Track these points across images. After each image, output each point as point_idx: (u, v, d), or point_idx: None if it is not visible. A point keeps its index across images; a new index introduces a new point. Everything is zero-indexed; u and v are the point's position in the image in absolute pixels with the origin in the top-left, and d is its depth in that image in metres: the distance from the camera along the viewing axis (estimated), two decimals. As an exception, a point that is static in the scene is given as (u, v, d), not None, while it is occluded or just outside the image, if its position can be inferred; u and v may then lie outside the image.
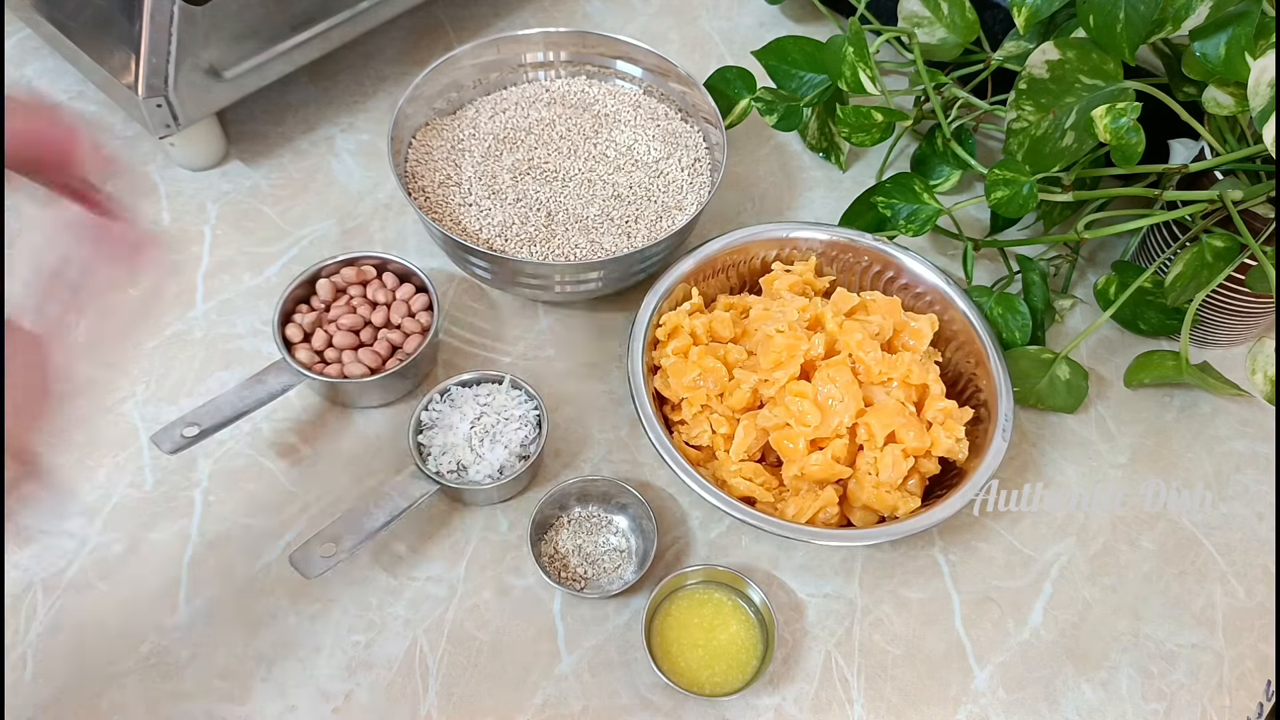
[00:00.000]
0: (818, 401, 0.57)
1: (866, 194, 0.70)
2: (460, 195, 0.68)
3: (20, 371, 0.36)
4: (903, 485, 0.58)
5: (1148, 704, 0.57)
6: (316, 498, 0.60)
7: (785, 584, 0.59)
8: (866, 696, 0.56)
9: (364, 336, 0.63)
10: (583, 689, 0.55)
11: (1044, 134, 0.62)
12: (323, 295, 0.64)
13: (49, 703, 0.53)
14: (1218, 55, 0.57)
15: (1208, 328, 0.69)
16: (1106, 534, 0.63)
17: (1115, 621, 0.60)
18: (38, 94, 0.39)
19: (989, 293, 0.66)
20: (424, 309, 0.65)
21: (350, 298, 0.65)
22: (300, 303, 0.64)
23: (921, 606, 0.59)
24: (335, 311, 0.64)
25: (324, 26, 0.70)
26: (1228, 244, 0.61)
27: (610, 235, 0.67)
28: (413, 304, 0.65)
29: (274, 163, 0.76)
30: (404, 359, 0.62)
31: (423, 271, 0.64)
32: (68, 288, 0.39)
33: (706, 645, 0.55)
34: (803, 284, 0.65)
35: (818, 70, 0.75)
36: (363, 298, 0.65)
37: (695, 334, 0.62)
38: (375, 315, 0.64)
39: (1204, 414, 0.68)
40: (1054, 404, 0.66)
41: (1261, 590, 0.61)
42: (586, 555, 0.59)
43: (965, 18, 0.71)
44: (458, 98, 0.74)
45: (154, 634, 0.55)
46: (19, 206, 0.40)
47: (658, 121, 0.73)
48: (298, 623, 0.56)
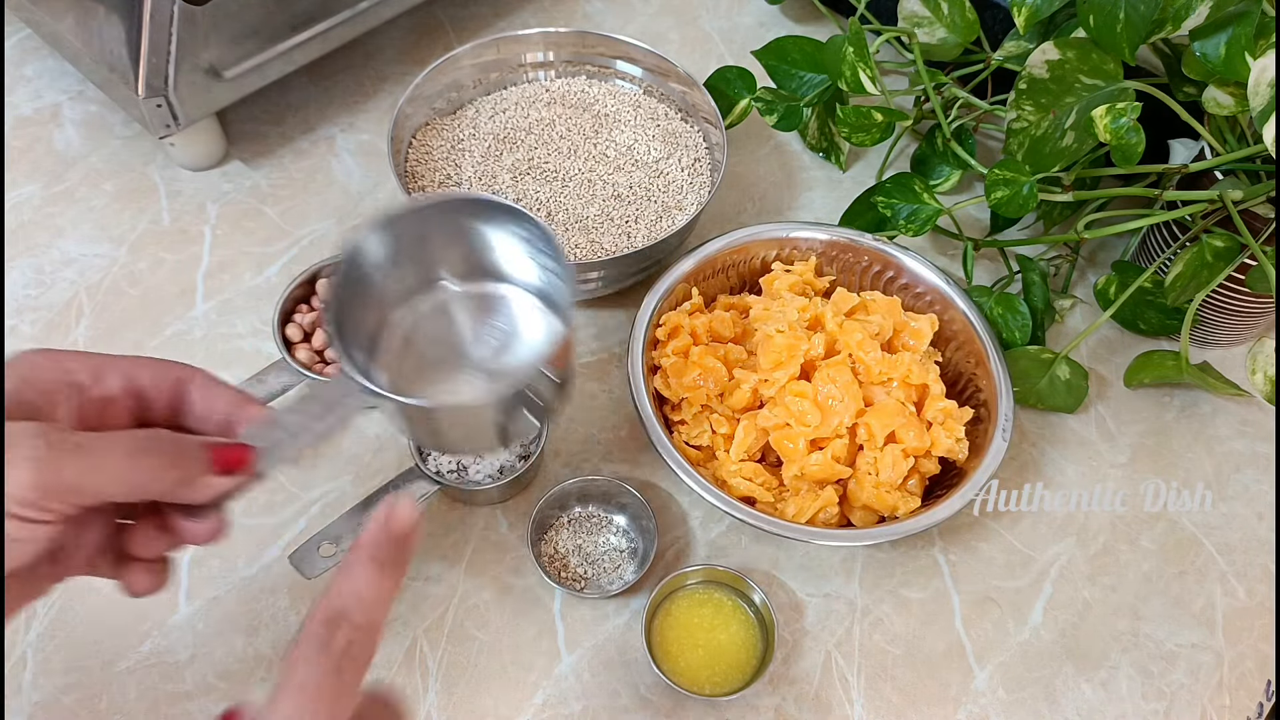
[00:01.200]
0: (818, 401, 0.57)
1: (866, 194, 0.70)
2: (460, 195, 0.68)
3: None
4: (903, 485, 0.58)
5: (1148, 704, 0.57)
6: (316, 498, 0.60)
7: (785, 584, 0.59)
8: (866, 696, 0.56)
9: None
10: (583, 689, 0.55)
11: (1044, 134, 0.62)
12: (323, 295, 0.64)
13: (49, 702, 0.53)
14: (1218, 55, 0.57)
15: (1208, 328, 0.69)
16: (1106, 534, 0.63)
17: (1115, 621, 0.60)
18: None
19: (989, 293, 0.66)
20: None
21: None
22: (300, 303, 0.64)
23: (921, 606, 0.59)
24: None
25: (324, 26, 0.70)
26: (1228, 244, 0.61)
27: (610, 235, 0.67)
28: None
29: (274, 163, 0.76)
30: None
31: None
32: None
33: (706, 645, 0.55)
34: (803, 284, 0.65)
35: (818, 70, 0.75)
36: None
37: (695, 334, 0.62)
38: None
39: (1204, 414, 0.68)
40: (1054, 404, 0.66)
41: (1261, 590, 0.61)
42: (586, 555, 0.59)
43: (965, 18, 0.71)
44: (458, 98, 0.74)
45: (154, 634, 0.55)
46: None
47: (658, 121, 0.73)
48: (298, 623, 0.56)
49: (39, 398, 0.35)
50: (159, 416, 0.40)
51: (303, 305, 0.64)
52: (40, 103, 0.77)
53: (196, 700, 0.53)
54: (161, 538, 0.39)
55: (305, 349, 0.61)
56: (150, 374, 0.38)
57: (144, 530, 0.39)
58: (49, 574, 0.39)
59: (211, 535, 0.39)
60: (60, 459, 0.32)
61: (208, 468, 0.37)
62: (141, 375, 0.38)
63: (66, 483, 0.33)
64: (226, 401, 0.40)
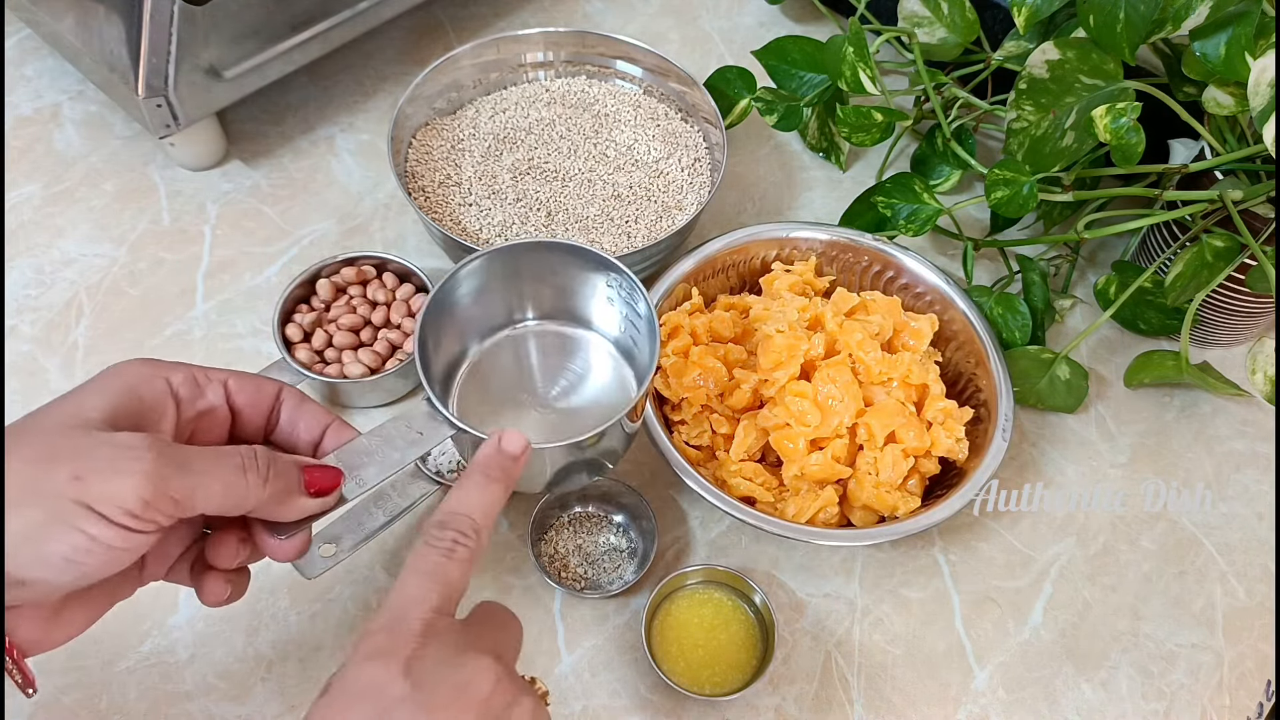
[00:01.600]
0: (818, 401, 0.57)
1: (866, 194, 0.70)
2: (460, 195, 0.68)
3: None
4: (903, 485, 0.58)
5: (1148, 704, 0.57)
6: (316, 498, 0.60)
7: (785, 584, 0.59)
8: (866, 696, 0.56)
9: (364, 336, 0.63)
10: (583, 689, 0.55)
11: (1044, 134, 0.62)
12: (323, 295, 0.64)
13: (49, 702, 0.53)
14: (1218, 55, 0.57)
15: (1208, 328, 0.69)
16: (1106, 534, 0.63)
17: (1115, 621, 0.60)
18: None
19: (989, 293, 0.66)
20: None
21: (350, 297, 0.65)
22: (300, 303, 0.64)
23: (921, 606, 0.59)
24: (335, 311, 0.64)
25: (324, 26, 0.70)
26: (1228, 244, 0.61)
27: (610, 235, 0.67)
28: (413, 303, 0.65)
29: (274, 163, 0.76)
30: (404, 359, 0.62)
31: (422, 271, 0.64)
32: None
33: (706, 645, 0.55)
34: (803, 284, 0.65)
35: (818, 70, 0.75)
36: (363, 297, 0.65)
37: (695, 334, 0.62)
38: (375, 315, 0.64)
39: (1204, 414, 0.68)
40: (1054, 404, 0.66)
41: (1261, 590, 0.61)
42: (586, 555, 0.59)
43: (965, 18, 0.71)
44: (458, 98, 0.74)
45: (154, 634, 0.55)
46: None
47: (658, 121, 0.73)
48: (298, 623, 0.56)
49: (144, 409, 0.36)
50: (251, 432, 0.41)
51: (302, 305, 0.64)
52: (40, 103, 0.77)
53: (196, 700, 0.53)
54: (242, 550, 0.40)
55: (305, 349, 0.61)
56: (247, 392, 0.40)
57: (226, 541, 0.40)
58: (134, 579, 0.40)
59: (296, 552, 0.40)
60: (168, 472, 0.33)
61: (301, 489, 0.38)
62: (239, 392, 0.40)
63: (172, 495, 0.34)
64: (318, 421, 0.42)
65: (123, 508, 0.33)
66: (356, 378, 0.61)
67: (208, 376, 0.39)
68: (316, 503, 0.39)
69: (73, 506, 0.32)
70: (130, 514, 0.33)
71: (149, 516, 0.33)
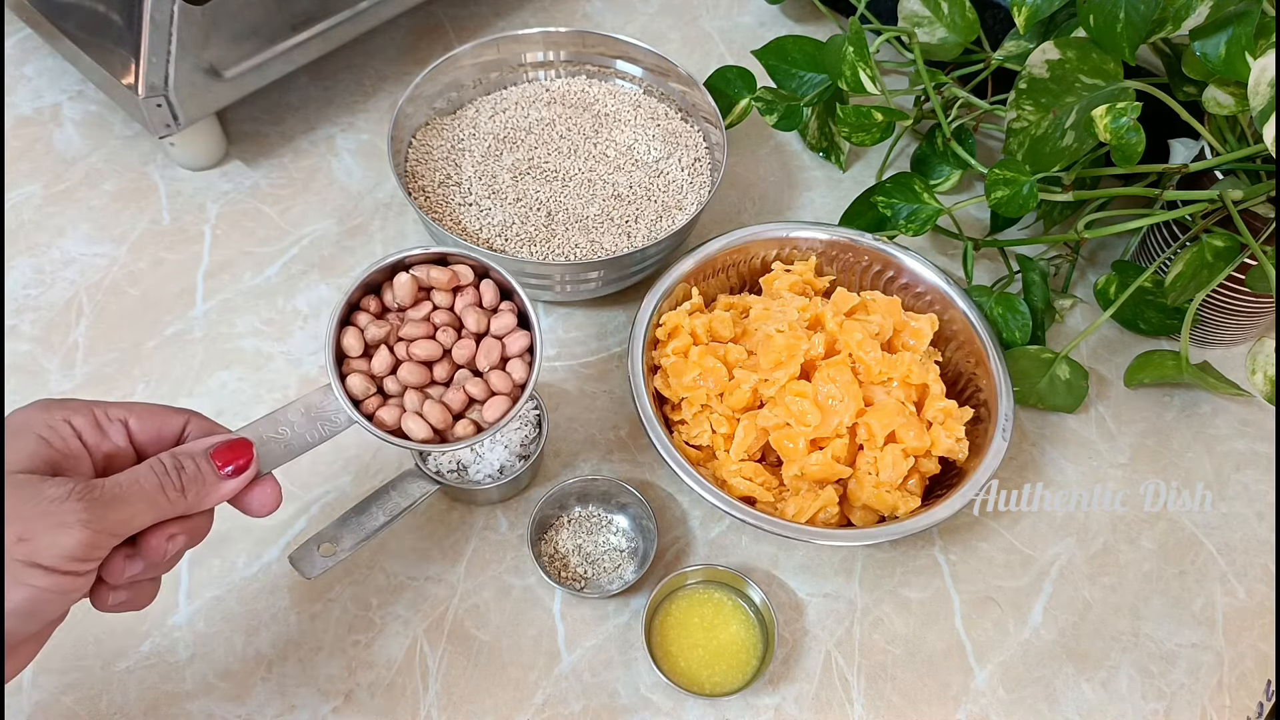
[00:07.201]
0: (818, 401, 0.57)
1: (866, 194, 0.70)
2: (460, 195, 0.68)
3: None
4: (903, 485, 0.58)
5: (1148, 704, 0.57)
6: (316, 498, 0.60)
7: (785, 584, 0.59)
8: (866, 696, 0.56)
9: (437, 374, 0.47)
10: (583, 689, 0.55)
11: (1044, 134, 0.62)
12: (400, 295, 0.47)
13: (49, 702, 0.53)
14: (1218, 55, 0.57)
15: (1208, 328, 0.69)
16: (1106, 534, 0.63)
17: (1115, 621, 0.60)
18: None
19: (989, 292, 0.66)
20: (521, 354, 0.48)
21: (434, 307, 0.47)
22: (371, 293, 0.48)
23: (921, 606, 0.59)
24: (410, 328, 0.47)
25: (324, 26, 0.70)
26: (1228, 244, 0.61)
27: (610, 235, 0.67)
28: (509, 345, 0.48)
29: (274, 163, 0.76)
30: (482, 429, 0.47)
31: (525, 295, 0.48)
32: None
33: (706, 645, 0.55)
34: (803, 284, 0.65)
35: (818, 70, 0.75)
36: (449, 311, 0.48)
37: (695, 334, 0.62)
38: (459, 349, 0.47)
39: (1204, 414, 0.68)
40: (1054, 404, 0.66)
41: (1261, 590, 0.61)
42: (586, 555, 0.59)
43: (965, 17, 0.71)
44: (458, 97, 0.74)
45: (154, 634, 0.55)
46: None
47: (658, 121, 0.73)
48: (298, 622, 0.56)
49: (59, 455, 0.38)
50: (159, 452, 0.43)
51: (371, 298, 0.47)
52: (40, 103, 0.77)
53: (196, 700, 0.53)
54: (130, 565, 0.40)
55: (361, 374, 0.46)
56: (149, 432, 0.41)
57: (112, 558, 0.40)
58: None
59: (269, 506, 0.42)
60: (102, 512, 0.36)
61: (218, 476, 0.40)
62: (141, 432, 0.41)
63: (110, 531, 0.37)
64: (216, 432, 0.43)
65: (68, 556, 0.35)
66: (419, 440, 0.46)
67: (109, 417, 0.40)
68: (238, 481, 0.41)
69: (22, 567, 0.34)
70: (75, 560, 0.35)
71: (93, 557, 0.36)
